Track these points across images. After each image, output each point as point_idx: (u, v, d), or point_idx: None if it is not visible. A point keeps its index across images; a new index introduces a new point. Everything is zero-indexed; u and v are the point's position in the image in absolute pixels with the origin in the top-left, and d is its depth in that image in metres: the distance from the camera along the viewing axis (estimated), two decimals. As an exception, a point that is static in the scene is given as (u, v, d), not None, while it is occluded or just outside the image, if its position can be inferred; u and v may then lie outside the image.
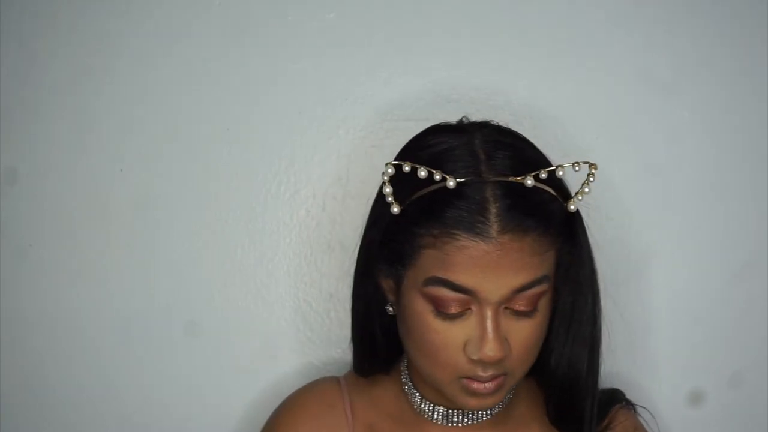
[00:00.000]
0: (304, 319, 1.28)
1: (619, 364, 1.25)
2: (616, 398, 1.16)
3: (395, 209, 1.01)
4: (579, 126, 1.26)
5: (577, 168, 1.02)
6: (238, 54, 1.26)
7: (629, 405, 1.17)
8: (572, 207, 1.01)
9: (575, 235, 1.05)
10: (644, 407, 1.17)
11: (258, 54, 1.26)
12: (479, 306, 0.99)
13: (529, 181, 0.99)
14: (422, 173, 0.99)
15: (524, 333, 1.01)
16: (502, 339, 0.99)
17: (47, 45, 1.26)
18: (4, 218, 1.26)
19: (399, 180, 1.02)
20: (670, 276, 1.28)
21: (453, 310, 0.99)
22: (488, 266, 0.97)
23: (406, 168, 1.00)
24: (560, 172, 1.00)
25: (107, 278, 1.27)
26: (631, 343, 1.27)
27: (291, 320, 1.28)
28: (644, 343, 1.28)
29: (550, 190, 1.01)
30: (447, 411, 1.09)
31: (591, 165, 1.02)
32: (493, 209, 0.97)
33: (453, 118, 1.19)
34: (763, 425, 1.29)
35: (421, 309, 1.01)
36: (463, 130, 1.06)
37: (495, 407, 1.09)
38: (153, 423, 1.29)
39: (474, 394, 1.02)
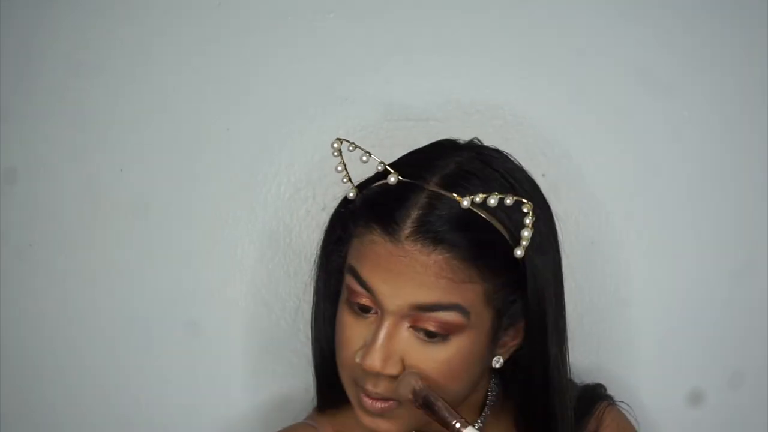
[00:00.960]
0: (304, 319, 1.27)
1: (619, 363, 1.25)
2: (598, 394, 1.14)
3: (351, 194, 1.01)
4: (579, 126, 1.26)
5: (508, 201, 0.94)
6: (238, 54, 1.26)
7: (612, 401, 1.14)
8: (518, 252, 0.94)
9: (522, 283, 0.97)
10: (624, 401, 1.16)
11: (258, 54, 1.26)
12: (381, 311, 0.95)
13: (465, 203, 0.93)
14: (364, 158, 0.99)
15: (427, 363, 0.95)
16: (389, 353, 0.94)
17: (47, 45, 1.26)
18: (4, 218, 1.26)
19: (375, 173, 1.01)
20: (670, 276, 1.28)
21: (361, 300, 0.96)
22: (390, 269, 0.94)
23: (350, 148, 1.00)
24: (492, 201, 0.93)
25: (107, 278, 1.27)
26: (631, 343, 1.27)
27: (291, 320, 1.28)
28: (644, 343, 1.28)
29: (495, 222, 0.95)
30: None
31: (524, 203, 0.94)
32: (414, 214, 0.94)
33: (453, 118, 1.20)
34: (763, 425, 1.29)
35: (342, 298, 1.00)
36: (463, 148, 1.02)
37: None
38: (153, 423, 1.29)
39: (365, 409, 0.98)
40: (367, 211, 0.97)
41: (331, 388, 1.07)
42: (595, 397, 1.13)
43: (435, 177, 0.96)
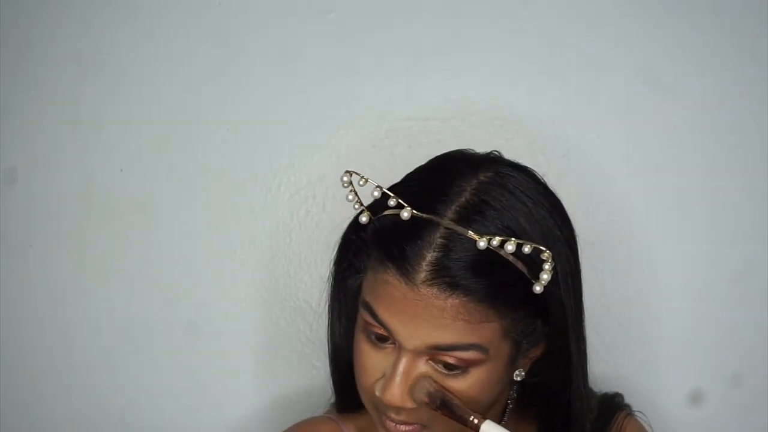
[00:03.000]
0: (304, 319, 1.28)
1: (619, 364, 1.25)
2: (616, 403, 1.13)
3: (363, 218, 0.97)
4: (579, 126, 1.26)
5: (526, 249, 0.91)
6: (239, 54, 1.26)
7: (630, 411, 1.14)
8: (536, 288, 0.92)
9: (543, 314, 0.96)
10: (641, 412, 1.16)
11: (258, 54, 1.26)
12: (399, 345, 0.94)
13: (482, 243, 0.90)
14: (375, 193, 0.95)
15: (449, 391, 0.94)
16: (407, 388, 0.94)
17: (47, 45, 1.26)
18: (4, 218, 1.26)
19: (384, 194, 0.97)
20: (670, 276, 1.28)
21: (377, 331, 0.95)
22: (406, 312, 0.92)
23: (361, 182, 0.96)
24: (509, 247, 0.90)
25: (107, 278, 1.27)
26: (631, 343, 1.27)
27: (291, 320, 1.28)
28: (644, 343, 1.28)
29: (513, 260, 0.92)
30: None
31: (542, 251, 0.91)
32: (428, 256, 0.91)
33: (453, 118, 1.20)
34: (763, 425, 1.29)
35: (359, 324, 0.98)
36: (479, 164, 0.97)
37: None
38: (153, 423, 1.29)
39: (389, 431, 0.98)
40: (380, 247, 0.94)
41: (350, 396, 1.05)
42: (613, 407, 1.13)
43: (449, 210, 0.93)
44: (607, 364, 1.22)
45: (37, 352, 1.28)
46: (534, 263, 0.93)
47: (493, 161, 0.99)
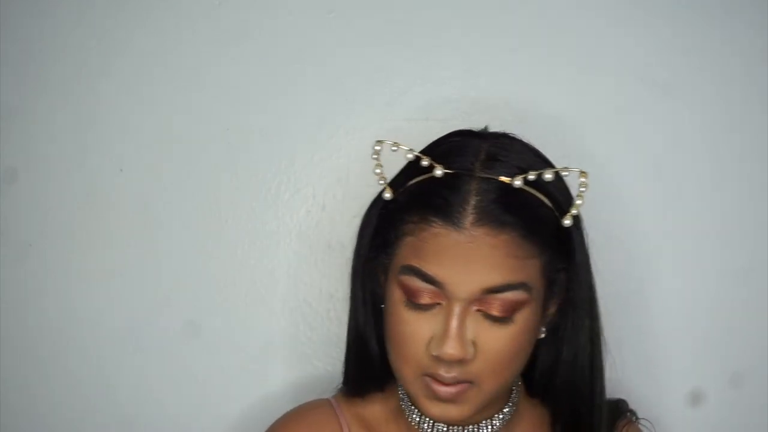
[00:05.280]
0: (304, 319, 1.28)
1: (619, 365, 1.25)
2: (620, 410, 1.14)
3: (387, 195, 1.01)
4: (579, 126, 1.26)
5: (565, 173, 1.00)
6: (238, 54, 1.26)
7: (634, 417, 1.15)
8: (566, 222, 0.99)
9: (570, 252, 1.02)
10: (647, 419, 1.16)
11: (258, 54, 1.26)
12: (448, 301, 0.97)
13: (518, 182, 0.97)
14: (409, 156, 1.00)
15: (496, 342, 0.98)
16: (464, 339, 0.97)
17: (47, 45, 1.26)
18: (4, 218, 1.27)
19: (403, 170, 1.02)
20: (670, 276, 1.28)
21: (423, 300, 0.98)
22: (459, 258, 0.96)
23: (393, 148, 1.00)
24: (548, 175, 0.98)
25: (107, 278, 1.27)
26: (631, 343, 1.27)
27: (291, 320, 1.28)
28: (644, 343, 1.28)
29: (542, 197, 0.99)
30: (447, 428, 1.05)
31: (582, 173, 1.00)
32: (472, 201, 0.97)
33: (453, 118, 1.20)
34: (763, 425, 1.29)
35: (396, 298, 1.00)
36: (481, 135, 1.05)
37: (494, 425, 1.06)
38: (153, 423, 1.29)
39: (435, 397, 0.99)
40: (421, 206, 0.98)
41: (362, 380, 1.10)
42: (616, 413, 1.14)
43: (476, 163, 0.99)
44: (608, 365, 1.22)
45: (36, 351, 1.28)
46: (557, 200, 1.00)
47: (492, 132, 1.07)
